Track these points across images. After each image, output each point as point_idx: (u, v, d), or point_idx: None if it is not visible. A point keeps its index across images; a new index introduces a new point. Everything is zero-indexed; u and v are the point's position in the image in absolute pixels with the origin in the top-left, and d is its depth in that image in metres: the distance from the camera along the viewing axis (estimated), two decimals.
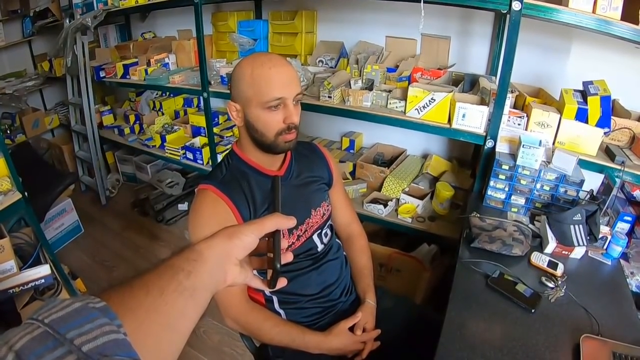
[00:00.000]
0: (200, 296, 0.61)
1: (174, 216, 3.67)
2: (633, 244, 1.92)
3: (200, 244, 0.66)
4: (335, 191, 1.68)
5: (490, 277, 1.53)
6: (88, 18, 3.31)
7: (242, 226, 0.70)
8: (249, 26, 3.11)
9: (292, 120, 1.30)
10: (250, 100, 1.27)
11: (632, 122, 2.04)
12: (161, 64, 3.38)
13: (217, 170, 1.43)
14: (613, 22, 1.69)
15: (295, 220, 0.74)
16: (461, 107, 2.05)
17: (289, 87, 1.27)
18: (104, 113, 4.05)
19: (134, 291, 0.55)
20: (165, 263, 0.61)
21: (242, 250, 0.69)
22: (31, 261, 2.12)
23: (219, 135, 3.43)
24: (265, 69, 1.25)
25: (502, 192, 1.97)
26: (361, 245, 1.72)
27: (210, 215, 1.33)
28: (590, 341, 1.31)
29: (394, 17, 2.68)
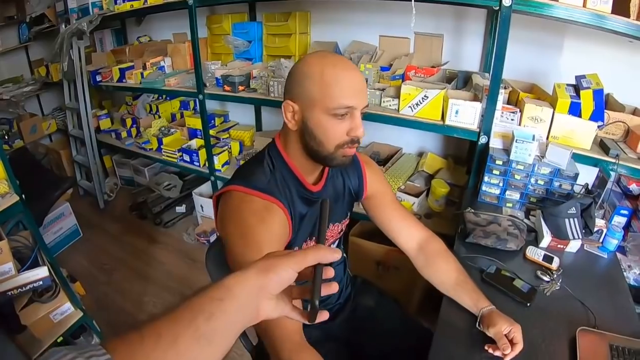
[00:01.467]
0: (221, 340, 0.57)
1: (171, 219, 3.67)
2: (630, 238, 1.91)
3: (230, 278, 0.61)
4: (382, 202, 1.49)
5: (485, 271, 1.52)
6: (84, 23, 3.30)
7: (281, 259, 0.64)
8: (243, 28, 3.10)
9: (356, 133, 1.14)
10: (315, 102, 1.11)
11: (626, 115, 2.03)
12: (157, 68, 3.37)
13: (260, 172, 1.21)
14: (605, 16, 1.68)
15: (340, 253, 0.66)
16: (454, 104, 2.04)
17: (359, 96, 1.12)
18: (101, 117, 4.04)
19: (144, 340, 0.52)
20: (186, 304, 0.57)
21: (279, 285, 0.63)
22: (29, 263, 2.09)
23: (215, 137, 3.42)
24: (338, 70, 1.10)
25: (496, 188, 1.96)
26: (442, 249, 1.46)
27: (264, 228, 1.11)
28: (586, 334, 1.30)
29: (387, 17, 2.67)
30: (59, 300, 2.17)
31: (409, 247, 1.49)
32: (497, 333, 1.21)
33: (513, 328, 1.20)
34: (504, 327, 1.21)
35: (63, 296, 2.21)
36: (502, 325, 1.21)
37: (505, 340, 1.18)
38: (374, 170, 1.51)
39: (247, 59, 3.14)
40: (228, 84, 2.75)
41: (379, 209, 1.49)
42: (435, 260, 1.43)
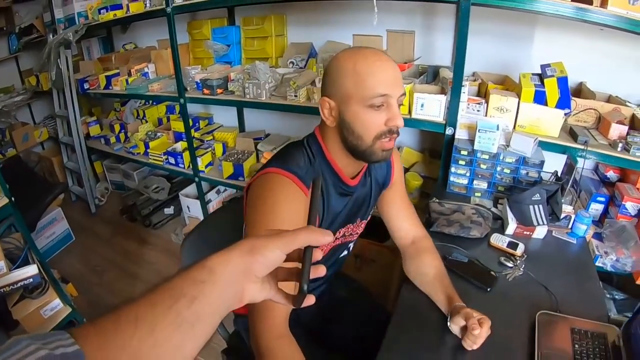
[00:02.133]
0: (203, 325, 0.51)
1: (160, 220, 3.65)
2: (607, 224, 1.89)
3: (213, 258, 0.54)
4: (395, 192, 1.46)
5: (448, 259, 1.49)
6: (70, 33, 3.28)
7: (267, 239, 0.57)
8: (222, 33, 3.06)
9: (395, 122, 1.09)
10: (350, 96, 1.09)
11: (596, 102, 2.01)
12: (141, 74, 3.34)
13: (300, 159, 1.18)
14: (563, 4, 1.66)
15: (332, 235, 0.60)
16: (419, 97, 2.02)
17: (394, 85, 1.09)
18: (90, 124, 4.01)
19: (119, 327, 0.46)
20: (166, 285, 0.51)
21: (264, 268, 0.57)
22: (20, 262, 2.13)
23: (199, 139, 3.40)
24: (370, 62, 1.07)
25: (464, 178, 1.94)
26: (430, 247, 1.45)
27: (291, 209, 1.09)
28: (547, 318, 1.28)
29: (359, 16, 2.64)
30: (49, 296, 2.22)
31: (403, 241, 1.48)
32: (467, 313, 1.17)
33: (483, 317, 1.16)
34: (475, 313, 1.17)
35: (52, 293, 2.25)
36: (473, 311, 1.18)
37: (474, 321, 1.14)
38: (398, 159, 1.49)
39: (227, 62, 3.11)
40: (207, 87, 2.73)
41: (391, 202, 1.47)
42: (422, 255, 1.41)
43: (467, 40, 1.82)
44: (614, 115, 1.91)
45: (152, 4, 2.82)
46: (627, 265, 1.78)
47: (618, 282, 2.06)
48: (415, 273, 1.41)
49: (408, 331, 1.28)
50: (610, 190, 1.98)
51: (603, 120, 1.95)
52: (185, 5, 2.60)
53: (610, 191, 1.98)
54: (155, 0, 2.80)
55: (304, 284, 0.58)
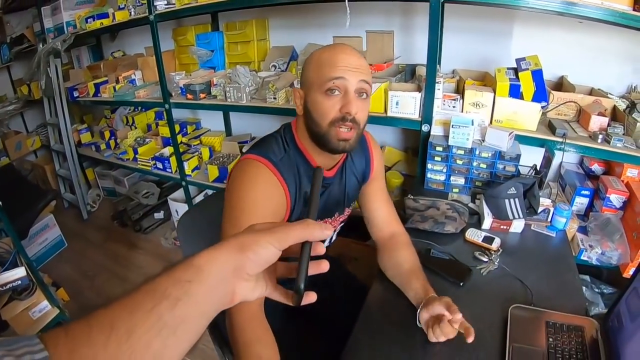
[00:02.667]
0: (188, 330, 0.46)
1: (150, 225, 3.59)
2: (592, 217, 1.85)
3: (201, 256, 0.49)
4: (375, 187, 1.46)
5: (422, 254, 1.44)
6: (58, 42, 3.24)
7: (260, 234, 0.52)
8: (206, 38, 3.02)
9: (349, 108, 1.10)
10: (312, 83, 1.14)
11: (576, 95, 1.97)
12: (128, 81, 3.31)
13: (274, 146, 1.21)
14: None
15: (331, 229, 0.56)
16: (393, 96, 1.98)
17: (351, 71, 1.10)
18: (81, 131, 3.96)
19: (92, 333, 0.40)
20: (148, 286, 0.45)
21: (257, 266, 0.52)
22: (8, 265, 2.15)
23: (186, 144, 3.36)
24: (331, 51, 1.13)
25: (441, 174, 1.89)
26: (407, 242, 1.42)
27: (264, 192, 1.13)
28: (520, 311, 1.23)
29: (339, 18, 2.56)
30: (36, 298, 2.25)
31: (380, 235, 1.46)
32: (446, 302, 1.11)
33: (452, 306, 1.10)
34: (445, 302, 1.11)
35: (40, 294, 2.28)
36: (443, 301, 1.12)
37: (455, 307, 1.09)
38: (378, 153, 1.48)
39: (211, 67, 3.07)
40: (190, 92, 2.69)
41: (371, 196, 1.47)
42: (398, 248, 1.39)
43: (438, 38, 1.80)
44: (594, 108, 1.87)
45: (136, 12, 2.79)
46: (612, 259, 1.74)
47: (608, 276, 2.01)
48: (389, 265, 1.38)
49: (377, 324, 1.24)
50: (595, 183, 1.94)
51: (583, 112, 1.91)
52: (168, 12, 2.56)
53: (595, 184, 1.93)
54: (139, 9, 2.76)
55: (300, 283, 0.53)
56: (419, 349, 1.13)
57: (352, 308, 1.38)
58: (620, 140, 1.71)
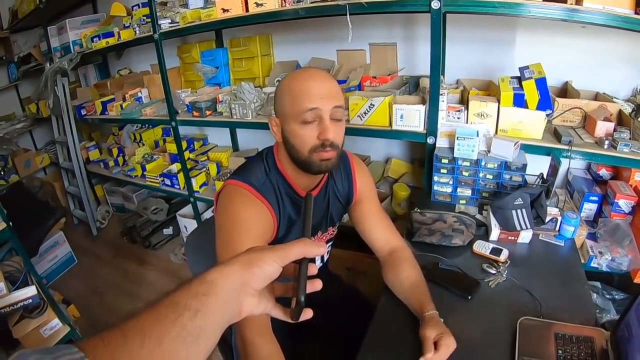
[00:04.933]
0: (206, 338, 0.51)
1: (159, 241, 3.62)
2: (601, 224, 1.84)
3: (213, 272, 0.54)
4: (365, 208, 1.47)
5: (429, 268, 1.45)
6: (65, 61, 3.31)
7: (264, 252, 0.58)
8: (210, 55, 3.07)
9: (326, 135, 1.14)
10: (287, 114, 1.17)
11: (580, 101, 1.97)
12: (135, 98, 3.35)
13: (257, 172, 1.26)
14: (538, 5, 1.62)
15: (325, 247, 0.62)
16: (398, 109, 1.99)
17: (325, 99, 1.14)
18: (90, 148, 4.02)
19: (127, 340, 0.45)
20: (169, 300, 0.50)
21: (262, 281, 0.58)
22: (19, 284, 2.16)
23: (194, 160, 3.40)
24: (301, 80, 1.16)
25: (447, 186, 1.90)
26: (408, 257, 1.42)
27: (253, 214, 1.18)
28: (529, 323, 1.23)
29: (342, 32, 2.57)
30: (47, 316, 2.25)
31: (381, 253, 1.47)
32: (423, 336, 1.15)
33: (443, 335, 1.13)
34: (433, 333, 1.14)
35: (51, 312, 2.28)
36: (432, 331, 1.15)
37: (429, 344, 1.12)
38: (363, 174, 1.51)
39: (217, 84, 3.11)
40: (196, 109, 2.73)
41: (364, 216, 1.48)
42: (401, 263, 1.40)
43: (441, 49, 1.81)
44: (599, 113, 1.86)
45: (141, 31, 2.85)
46: (622, 265, 1.73)
47: (619, 282, 1.99)
48: (393, 282, 1.39)
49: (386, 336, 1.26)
50: (604, 188, 1.93)
51: (589, 118, 1.91)
52: (172, 31, 2.61)
53: (604, 190, 1.92)
54: (144, 27, 2.82)
55: (301, 295, 0.58)
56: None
57: (357, 324, 1.39)
58: (627, 145, 1.70)
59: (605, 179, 2.00)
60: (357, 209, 1.48)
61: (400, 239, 1.48)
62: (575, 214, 1.67)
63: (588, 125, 1.91)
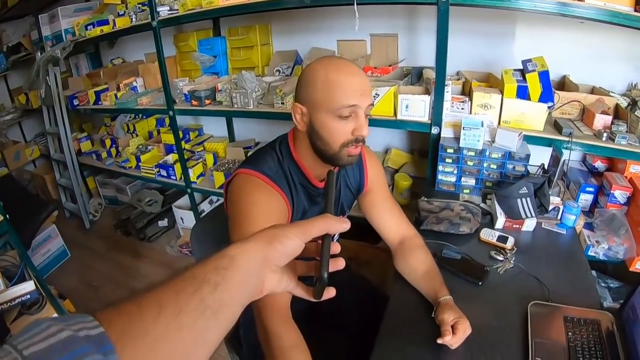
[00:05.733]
0: (226, 314, 0.49)
1: (154, 233, 3.62)
2: (597, 214, 1.89)
3: (233, 247, 0.53)
4: (375, 198, 1.49)
5: (439, 256, 1.48)
6: (57, 50, 3.26)
7: (286, 228, 0.57)
8: (208, 44, 3.06)
9: (361, 132, 1.15)
10: (321, 105, 1.14)
11: (579, 94, 2.02)
12: (129, 88, 3.33)
13: (269, 160, 1.25)
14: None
15: (349, 223, 0.60)
16: (403, 99, 2.02)
17: (363, 96, 1.13)
18: (81, 140, 3.98)
19: (142, 311, 0.43)
20: (187, 273, 0.49)
21: (284, 257, 0.57)
22: (16, 279, 2.13)
23: (190, 150, 3.38)
24: (341, 73, 1.12)
25: (451, 175, 1.94)
26: (420, 244, 1.45)
27: (268, 202, 1.17)
28: (539, 308, 1.28)
29: (343, 22, 2.64)
30: (46, 312, 2.19)
31: (393, 242, 1.49)
32: (441, 320, 1.19)
33: (459, 320, 1.17)
34: (451, 317, 1.18)
35: (50, 308, 2.22)
36: (450, 315, 1.18)
37: (447, 328, 1.15)
38: (374, 164, 1.51)
39: (214, 73, 3.11)
40: (195, 98, 2.73)
41: (374, 206, 1.49)
42: (413, 251, 1.43)
43: (447, 40, 1.84)
44: (597, 106, 1.92)
45: (137, 19, 2.83)
46: (619, 253, 1.78)
47: (613, 271, 2.06)
48: (405, 269, 1.42)
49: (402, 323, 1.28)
50: (599, 180, 1.98)
51: (587, 111, 1.96)
52: (171, 18, 2.60)
53: (599, 181, 1.97)
54: (141, 15, 2.80)
55: (324, 272, 0.57)
56: (444, 349, 1.17)
57: (369, 312, 1.43)
58: (624, 138, 1.76)
59: (600, 171, 2.05)
60: (367, 199, 1.50)
61: (411, 227, 1.51)
62: (576, 203, 1.72)
63: (586, 118, 1.96)
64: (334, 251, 0.61)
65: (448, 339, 1.13)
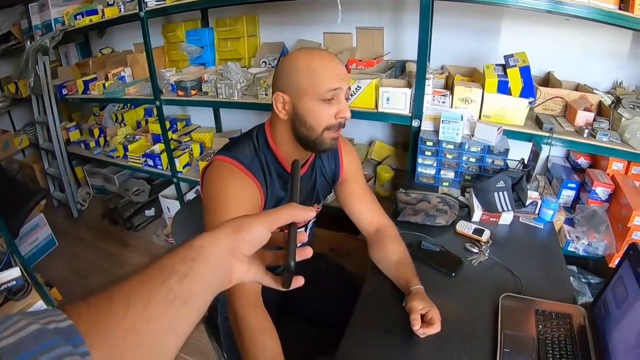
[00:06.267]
0: (195, 302, 0.50)
1: (141, 222, 3.59)
2: (578, 210, 1.90)
3: (201, 238, 0.54)
4: (351, 187, 1.49)
5: (413, 247, 1.48)
6: (46, 39, 3.22)
7: (252, 218, 0.58)
8: (196, 35, 3.03)
9: (345, 114, 1.19)
10: (305, 91, 1.16)
11: (562, 90, 2.02)
12: (118, 78, 3.29)
13: (246, 148, 1.26)
14: None
15: (314, 211, 0.61)
16: (384, 91, 2.02)
17: (343, 80, 1.17)
18: (70, 129, 3.93)
19: (112, 304, 0.44)
20: (156, 264, 0.50)
21: (251, 246, 0.57)
22: (2, 266, 2.12)
23: (177, 140, 3.36)
24: (324, 61, 1.16)
25: (431, 168, 1.94)
26: (394, 234, 1.46)
27: (241, 190, 1.19)
28: (510, 300, 1.27)
29: (329, 15, 2.61)
30: (31, 298, 2.20)
31: (367, 231, 1.50)
32: (410, 307, 1.19)
33: (430, 310, 1.18)
34: (420, 305, 1.18)
35: (35, 294, 2.23)
36: (419, 303, 1.19)
37: (416, 317, 1.16)
38: (350, 153, 1.52)
39: (201, 64, 3.08)
40: (181, 89, 2.71)
41: (350, 196, 1.50)
42: (387, 240, 1.43)
43: (429, 34, 1.84)
44: (580, 103, 1.92)
45: (126, 9, 2.79)
46: (598, 249, 1.80)
47: (594, 267, 2.08)
48: (379, 258, 1.42)
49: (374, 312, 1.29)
50: (582, 176, 2.00)
51: (570, 107, 1.96)
52: (158, 9, 2.57)
53: (582, 177, 1.99)
54: (129, 5, 2.77)
55: (291, 261, 0.57)
56: (414, 338, 1.17)
57: (346, 302, 1.42)
58: (605, 135, 1.77)
59: (583, 167, 2.06)
60: (343, 188, 1.50)
61: (385, 217, 1.51)
62: (554, 198, 1.72)
63: (569, 115, 1.97)
64: (301, 240, 0.61)
65: (416, 328, 1.14)
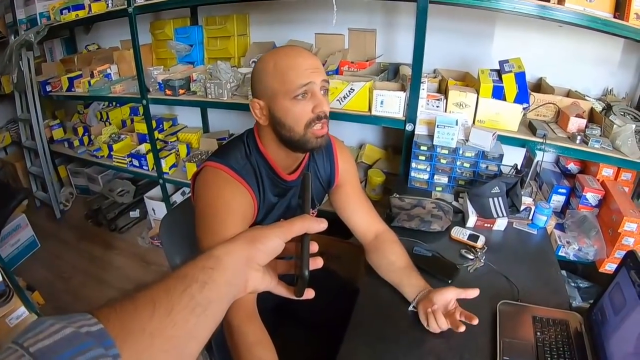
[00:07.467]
0: (214, 310, 0.52)
1: (126, 224, 3.51)
2: (569, 215, 1.90)
3: (219, 248, 0.57)
4: (347, 192, 1.45)
5: (410, 253, 1.44)
6: (31, 34, 3.14)
7: (267, 229, 0.61)
8: (185, 33, 2.98)
9: (321, 108, 1.14)
10: (276, 92, 1.12)
11: (555, 97, 2.03)
12: (103, 75, 3.21)
13: (237, 153, 1.23)
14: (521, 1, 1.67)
15: (326, 223, 0.62)
16: (379, 94, 2.00)
17: (314, 73, 1.12)
18: (53, 127, 3.83)
19: (138, 310, 0.46)
20: (177, 273, 0.52)
21: (266, 256, 0.60)
22: None
23: (163, 140, 3.30)
24: (290, 58, 1.12)
25: (424, 173, 1.92)
26: (394, 239, 1.42)
27: (233, 197, 1.15)
28: (508, 307, 1.26)
29: (321, 15, 2.59)
30: (13, 304, 2.15)
31: (365, 238, 1.46)
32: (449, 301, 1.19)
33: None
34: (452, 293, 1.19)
35: (17, 300, 2.18)
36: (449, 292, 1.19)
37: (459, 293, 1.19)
38: (346, 157, 1.48)
39: (190, 62, 3.03)
40: (169, 88, 2.65)
41: (346, 201, 1.46)
42: (390, 245, 1.40)
43: (425, 38, 1.81)
44: (572, 109, 1.92)
45: (114, 4, 2.72)
46: (589, 254, 1.80)
47: (583, 271, 2.09)
48: (381, 263, 1.38)
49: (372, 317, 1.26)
50: (572, 182, 2.00)
51: (562, 114, 1.97)
52: (147, 5, 2.51)
53: (572, 183, 2.00)
54: (117, 1, 2.70)
55: (305, 270, 0.59)
56: (414, 345, 1.15)
57: (340, 307, 1.39)
58: (597, 142, 1.77)
59: (573, 173, 2.07)
60: (339, 193, 1.46)
61: (382, 223, 1.47)
62: (547, 204, 1.71)
63: (561, 121, 1.97)
64: (313, 250, 0.63)
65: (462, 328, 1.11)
